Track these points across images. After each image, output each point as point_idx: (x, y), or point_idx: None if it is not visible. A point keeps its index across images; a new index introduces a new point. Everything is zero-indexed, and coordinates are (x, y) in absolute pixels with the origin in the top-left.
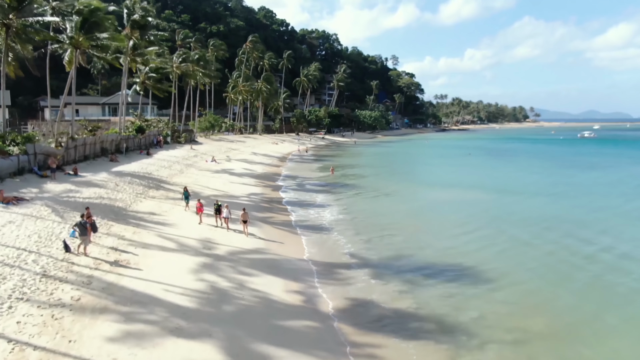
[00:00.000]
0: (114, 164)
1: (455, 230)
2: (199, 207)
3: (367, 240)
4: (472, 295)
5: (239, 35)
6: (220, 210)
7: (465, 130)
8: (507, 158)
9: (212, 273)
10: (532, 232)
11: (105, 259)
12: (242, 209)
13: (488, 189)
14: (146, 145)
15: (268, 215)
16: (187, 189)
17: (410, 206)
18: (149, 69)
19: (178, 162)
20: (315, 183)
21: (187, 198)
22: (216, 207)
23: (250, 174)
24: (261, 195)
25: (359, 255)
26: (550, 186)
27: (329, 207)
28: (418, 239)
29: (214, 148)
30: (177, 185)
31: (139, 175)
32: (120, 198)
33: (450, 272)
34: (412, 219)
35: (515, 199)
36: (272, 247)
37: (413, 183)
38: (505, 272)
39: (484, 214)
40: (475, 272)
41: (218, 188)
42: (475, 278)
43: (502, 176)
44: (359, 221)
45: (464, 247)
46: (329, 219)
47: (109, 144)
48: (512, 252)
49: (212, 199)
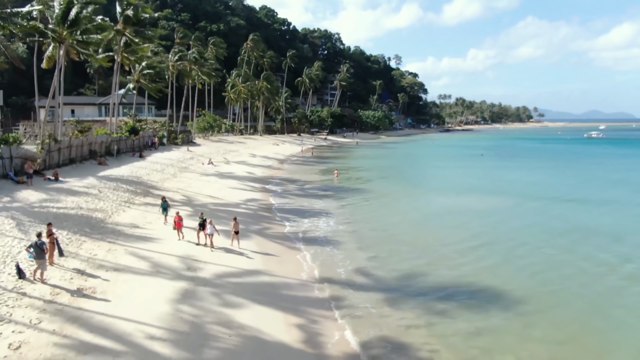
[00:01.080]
0: (102, 168)
1: (471, 243)
2: (177, 222)
3: (374, 256)
4: (503, 331)
5: (240, 35)
6: (205, 226)
7: (469, 131)
8: (519, 159)
9: (194, 304)
10: (559, 245)
11: (66, 286)
12: (233, 218)
13: (505, 194)
14: (140, 147)
15: (265, 226)
16: (166, 199)
17: (420, 215)
18: (144, 66)
19: (172, 165)
20: (318, 187)
21: (165, 210)
22: (200, 222)
23: (249, 178)
24: (259, 202)
25: (365, 274)
26: (571, 190)
27: (331, 215)
28: (431, 254)
29: (212, 150)
30: (168, 191)
31: (127, 180)
32: (101, 207)
33: (471, 297)
34: (423, 230)
35: (535, 206)
36: (266, 266)
37: (422, 188)
38: (535, 296)
39: (503, 224)
40: (501, 297)
41: (213, 194)
42: (502, 305)
43: (518, 179)
44: (365, 232)
45: (483, 262)
46: (332, 230)
47: (98, 146)
48: (539, 269)
49: (205, 208)
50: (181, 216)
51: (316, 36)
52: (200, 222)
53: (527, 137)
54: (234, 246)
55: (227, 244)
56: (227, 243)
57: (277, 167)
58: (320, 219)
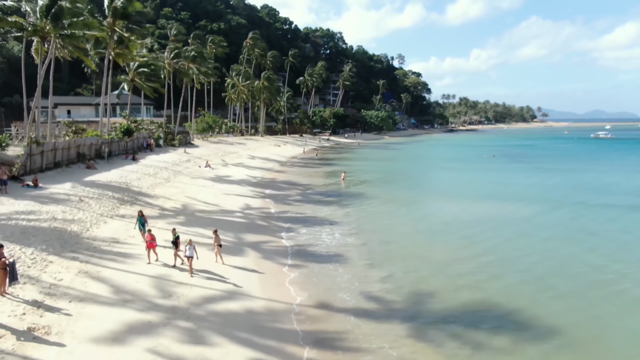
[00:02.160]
0: (90, 172)
1: (489, 257)
2: (149, 241)
3: (387, 275)
4: None
5: (241, 34)
6: (178, 244)
7: (474, 131)
8: (533, 161)
9: (163, 347)
10: (588, 261)
11: (14, 325)
12: (214, 231)
13: (522, 200)
14: (133, 149)
15: (262, 238)
16: (143, 214)
17: (432, 224)
18: (138, 64)
19: (166, 168)
20: (321, 192)
21: (142, 226)
22: (172, 240)
23: (248, 182)
24: (258, 209)
25: (376, 300)
26: (595, 194)
27: (336, 225)
28: (448, 271)
29: (210, 151)
30: (158, 198)
31: (114, 187)
32: (79, 219)
33: (505, 329)
34: (437, 242)
35: (558, 214)
36: (257, 291)
37: (433, 193)
38: (566, 326)
39: (523, 235)
40: (532, 325)
41: (208, 201)
42: (535, 334)
43: (535, 183)
44: (374, 246)
45: (504, 282)
46: (337, 243)
47: (87, 149)
48: (567, 291)
49: (197, 217)
50: (154, 235)
51: (318, 35)
52: (172, 240)
53: (534, 138)
54: (219, 263)
55: (213, 262)
56: (212, 260)
57: (278, 170)
58: (324, 229)
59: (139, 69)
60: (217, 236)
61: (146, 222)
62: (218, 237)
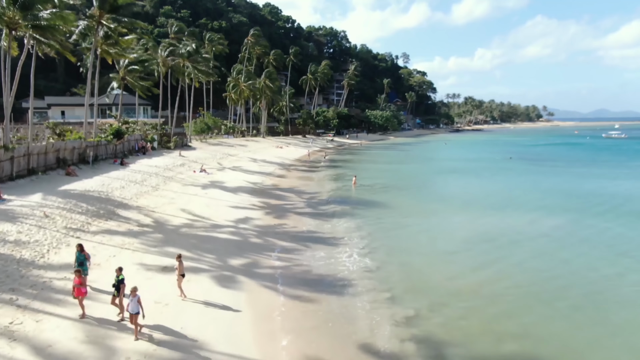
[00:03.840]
0: (69, 180)
1: (531, 288)
2: (77, 287)
3: (413, 316)
4: None
5: (242, 32)
6: (121, 290)
7: (480, 131)
8: (555, 164)
9: None
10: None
11: None
12: (177, 256)
13: (555, 209)
14: (123, 152)
15: (255, 259)
16: (83, 249)
17: (456, 243)
18: (129, 61)
19: (157, 173)
20: (327, 200)
21: (81, 266)
22: (115, 283)
23: (246, 189)
24: (254, 222)
25: (399, 357)
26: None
27: (345, 243)
28: (488, 314)
29: (207, 154)
30: (140, 211)
31: (91, 197)
32: (37, 241)
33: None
34: (466, 269)
35: (604, 227)
36: (243, 348)
37: (452, 203)
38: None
39: (573, 258)
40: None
41: (197, 213)
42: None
43: (566, 189)
44: (391, 272)
45: (556, 326)
46: (347, 269)
47: (69, 153)
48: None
49: (181, 233)
50: (83, 278)
51: (321, 34)
52: (115, 283)
53: (545, 138)
54: (182, 296)
55: (181, 301)
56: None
57: (279, 175)
58: (332, 248)
59: (129, 66)
60: (181, 264)
61: (87, 259)
62: (182, 265)
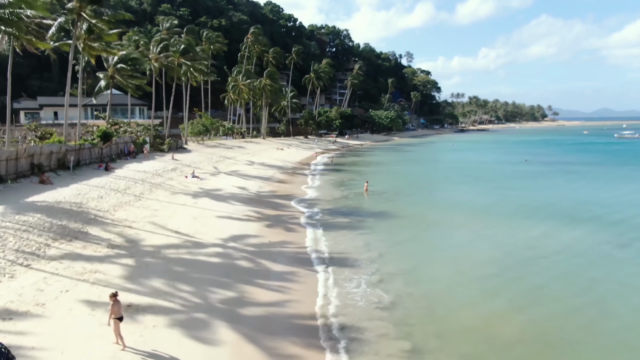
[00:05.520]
0: (41, 189)
1: (589, 331)
2: None
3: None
4: None
5: (243, 31)
6: None
7: (485, 131)
8: (579, 167)
9: None
10: None
11: None
12: (110, 295)
13: (593, 219)
14: (111, 156)
15: (242, 291)
16: None
17: (483, 266)
18: (118, 59)
19: (144, 180)
20: (332, 211)
21: None
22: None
23: (241, 197)
24: (247, 240)
25: None
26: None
27: (354, 265)
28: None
29: (203, 157)
30: (115, 226)
31: (61, 210)
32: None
33: None
34: (498, 304)
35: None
36: None
37: (471, 211)
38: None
39: (616, 280)
40: None
41: (181, 228)
42: None
43: (604, 198)
44: (409, 309)
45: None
46: (355, 303)
47: (45, 158)
48: None
49: (160, 255)
50: None
51: (324, 33)
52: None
53: (555, 138)
54: (120, 344)
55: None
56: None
57: (279, 180)
58: (336, 274)
59: (118, 64)
60: (116, 303)
61: None
62: (117, 304)
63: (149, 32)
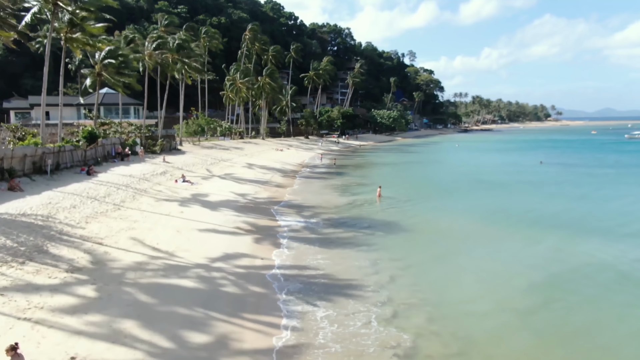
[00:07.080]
0: (7, 197)
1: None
2: None
3: None
4: None
5: (242, 29)
6: None
7: (489, 131)
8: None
9: None
10: None
11: None
12: (7, 349)
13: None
14: (96, 159)
15: (224, 332)
16: None
17: (525, 297)
18: (106, 54)
19: (128, 185)
20: (336, 222)
21: None
22: None
23: (234, 205)
24: (233, 261)
25: None
26: None
27: (362, 297)
28: None
29: (197, 159)
30: (84, 243)
31: (21, 224)
32: None
33: None
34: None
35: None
36: None
37: (498, 220)
38: None
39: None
40: None
41: (160, 244)
42: None
43: None
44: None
45: None
46: (364, 351)
47: (18, 162)
48: None
49: (127, 283)
50: None
51: (325, 31)
52: None
53: (563, 138)
54: None
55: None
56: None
57: (278, 184)
58: (340, 306)
59: (105, 60)
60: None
61: None
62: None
63: (145, 30)
